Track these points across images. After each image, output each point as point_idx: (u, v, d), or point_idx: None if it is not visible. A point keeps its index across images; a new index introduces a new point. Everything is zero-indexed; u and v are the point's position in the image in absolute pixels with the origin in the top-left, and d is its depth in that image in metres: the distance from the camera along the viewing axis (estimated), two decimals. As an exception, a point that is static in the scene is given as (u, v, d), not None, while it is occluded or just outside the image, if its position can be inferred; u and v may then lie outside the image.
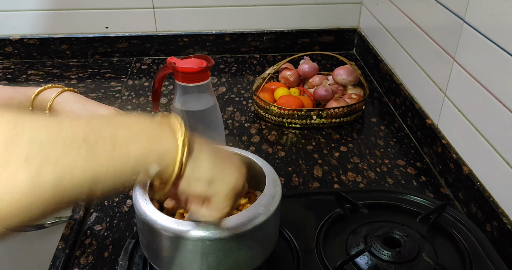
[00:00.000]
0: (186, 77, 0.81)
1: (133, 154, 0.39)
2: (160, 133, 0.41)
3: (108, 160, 0.37)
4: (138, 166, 0.39)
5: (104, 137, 0.37)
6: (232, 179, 0.45)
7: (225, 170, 0.45)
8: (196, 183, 0.43)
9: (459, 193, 0.85)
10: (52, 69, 1.39)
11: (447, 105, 0.91)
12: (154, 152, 0.40)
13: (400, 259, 0.65)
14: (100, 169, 0.37)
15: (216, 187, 0.44)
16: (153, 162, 0.40)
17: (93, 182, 0.37)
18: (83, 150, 0.36)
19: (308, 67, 1.20)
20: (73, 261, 0.74)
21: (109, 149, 0.37)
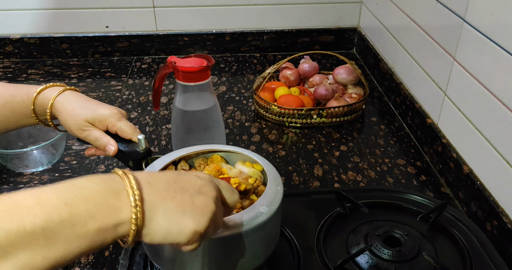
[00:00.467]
0: (187, 76, 0.82)
1: (91, 232, 0.39)
2: (117, 204, 0.41)
3: (66, 244, 0.37)
4: (96, 242, 0.40)
5: (62, 219, 0.37)
6: (191, 225, 0.45)
7: (183, 219, 0.45)
8: (153, 239, 0.44)
9: (459, 192, 0.85)
10: (52, 68, 1.39)
11: (447, 104, 0.91)
12: (111, 226, 0.41)
13: (401, 258, 0.65)
14: (60, 254, 0.37)
15: (175, 239, 0.45)
16: (110, 234, 0.41)
17: (52, 265, 0.37)
18: (42, 241, 0.36)
19: (308, 67, 1.20)
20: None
21: (67, 232, 0.37)
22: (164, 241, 0.44)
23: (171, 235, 0.44)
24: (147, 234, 0.43)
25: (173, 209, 0.44)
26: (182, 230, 0.44)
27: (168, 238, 0.44)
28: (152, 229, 0.43)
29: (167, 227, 0.44)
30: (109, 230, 0.40)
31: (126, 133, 0.69)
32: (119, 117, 0.70)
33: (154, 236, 0.43)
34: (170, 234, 0.44)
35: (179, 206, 0.45)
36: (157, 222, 0.43)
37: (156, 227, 0.43)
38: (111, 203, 0.41)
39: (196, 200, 0.46)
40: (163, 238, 0.44)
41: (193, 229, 0.44)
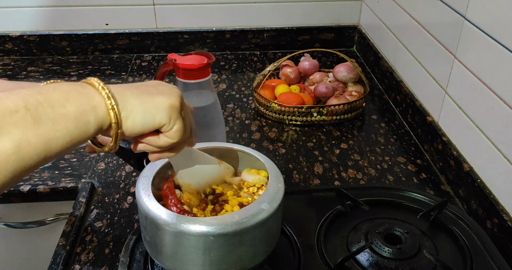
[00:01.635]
0: (187, 73, 0.81)
1: (72, 113, 0.41)
2: (85, 91, 0.44)
3: (53, 123, 0.40)
4: (80, 124, 0.42)
5: (40, 101, 0.40)
6: (164, 100, 0.47)
7: (154, 97, 0.47)
8: (135, 121, 0.46)
9: (460, 190, 0.85)
10: (52, 65, 1.38)
11: (448, 102, 0.91)
12: (88, 107, 0.43)
13: (401, 256, 0.65)
14: (49, 133, 0.40)
15: (155, 115, 0.47)
16: (91, 117, 0.43)
17: (47, 147, 0.40)
18: (29, 117, 0.39)
19: (308, 64, 1.20)
20: (74, 258, 0.74)
21: (50, 112, 0.40)
22: (145, 122, 0.46)
23: (149, 113, 0.46)
24: (126, 116, 0.45)
25: (140, 93, 0.47)
26: (158, 105, 0.46)
27: (147, 118, 0.46)
28: (128, 109, 0.45)
29: (142, 105, 0.46)
30: (88, 111, 0.42)
31: None
32: None
33: (134, 118, 0.45)
34: (148, 111, 0.46)
35: (145, 91, 0.48)
36: (131, 103, 0.45)
37: (131, 107, 0.45)
38: (80, 90, 0.43)
39: (160, 87, 0.49)
40: (143, 118, 0.46)
41: (168, 103, 0.47)
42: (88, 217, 0.83)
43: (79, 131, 0.42)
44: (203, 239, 0.52)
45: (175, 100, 0.48)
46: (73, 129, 0.41)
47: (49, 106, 0.40)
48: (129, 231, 0.78)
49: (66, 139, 0.41)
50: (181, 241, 0.53)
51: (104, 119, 0.44)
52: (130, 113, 0.45)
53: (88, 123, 0.43)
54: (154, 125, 0.47)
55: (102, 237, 0.78)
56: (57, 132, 0.40)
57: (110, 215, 0.83)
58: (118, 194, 0.88)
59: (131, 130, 0.46)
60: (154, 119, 0.47)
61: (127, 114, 0.45)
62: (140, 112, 0.46)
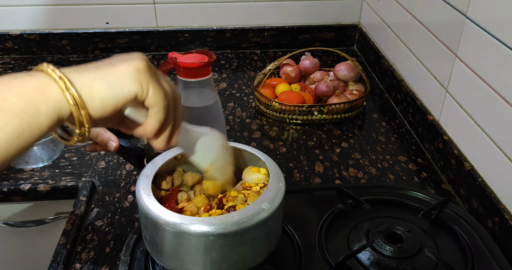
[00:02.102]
0: (188, 72, 0.81)
1: (15, 105, 0.37)
2: (32, 78, 0.39)
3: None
4: (27, 116, 0.37)
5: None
6: (126, 66, 0.42)
7: (115, 66, 0.42)
8: (102, 96, 0.40)
9: (461, 189, 0.85)
10: (52, 64, 1.38)
11: (449, 101, 0.91)
12: (36, 95, 0.38)
13: (402, 255, 0.65)
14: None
15: (122, 84, 0.41)
16: (41, 104, 0.37)
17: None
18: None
19: (309, 63, 1.19)
20: (75, 257, 0.74)
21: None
22: (114, 94, 0.40)
23: (114, 83, 0.40)
24: (89, 93, 0.39)
25: (98, 67, 0.41)
26: (121, 72, 0.41)
27: (114, 89, 0.40)
28: (89, 85, 0.39)
29: (104, 77, 0.40)
30: (36, 99, 0.37)
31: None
32: None
33: (100, 93, 0.39)
34: (113, 82, 0.40)
35: (103, 64, 0.42)
36: (90, 78, 0.40)
37: (92, 82, 0.39)
38: (25, 78, 0.38)
39: (120, 57, 0.44)
40: (109, 90, 0.40)
41: (131, 67, 0.41)
42: (88, 216, 0.83)
43: (27, 124, 0.37)
44: (204, 239, 0.52)
45: (139, 63, 0.42)
46: (20, 125, 0.36)
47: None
48: (129, 230, 0.78)
49: (11, 137, 0.36)
50: (182, 241, 0.53)
51: (59, 104, 0.38)
52: (93, 90, 0.39)
53: (38, 112, 0.37)
54: (125, 95, 0.41)
55: (103, 236, 0.78)
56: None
57: (110, 214, 0.83)
58: (119, 193, 0.88)
59: (102, 108, 0.40)
60: (122, 89, 0.41)
61: (89, 91, 0.39)
62: (104, 85, 0.40)
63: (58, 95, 0.38)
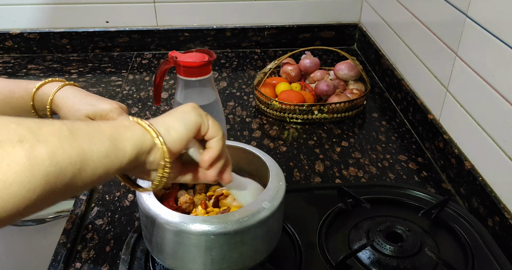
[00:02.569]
0: (188, 71, 0.81)
1: (107, 130, 0.42)
2: (118, 121, 0.47)
3: (88, 137, 0.40)
4: (116, 142, 0.42)
5: (75, 121, 0.41)
6: (185, 107, 0.50)
7: (177, 109, 0.50)
8: (178, 130, 0.47)
9: (461, 188, 0.85)
10: (52, 63, 1.38)
11: (449, 100, 0.91)
12: (122, 127, 0.43)
13: (402, 254, 0.65)
14: (84, 146, 0.39)
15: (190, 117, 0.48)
16: (127, 133, 0.43)
17: (82, 159, 0.39)
18: (65, 129, 0.39)
19: (309, 62, 1.19)
20: (75, 256, 0.74)
21: (85, 127, 0.41)
22: (186, 126, 0.47)
23: (184, 118, 0.48)
24: (167, 129, 0.46)
25: (164, 114, 0.49)
26: (184, 111, 0.49)
27: (186, 122, 0.47)
28: (165, 124, 0.46)
29: (174, 117, 0.48)
30: (123, 129, 0.43)
31: None
32: (120, 111, 0.69)
33: (175, 128, 0.46)
34: (182, 118, 0.48)
35: (163, 114, 0.50)
36: (163, 119, 0.47)
37: (166, 122, 0.47)
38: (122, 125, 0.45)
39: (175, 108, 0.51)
40: (182, 124, 0.47)
41: (189, 106, 0.49)
42: (89, 215, 0.83)
43: (115, 148, 0.42)
44: (204, 238, 0.52)
45: (192, 104, 0.50)
46: (109, 146, 0.41)
47: (84, 124, 0.42)
48: (130, 229, 0.78)
49: (101, 154, 0.40)
50: (182, 240, 0.53)
51: (142, 137, 0.44)
52: (168, 126, 0.46)
53: (125, 140, 0.43)
54: (194, 125, 0.48)
55: (103, 235, 0.78)
56: (92, 145, 0.40)
57: (110, 213, 0.83)
58: (119, 192, 0.88)
59: (180, 140, 0.46)
60: (190, 120, 0.48)
61: (166, 128, 0.46)
62: (175, 121, 0.47)
63: (142, 131, 0.44)
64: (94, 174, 0.40)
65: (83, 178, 0.39)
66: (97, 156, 0.40)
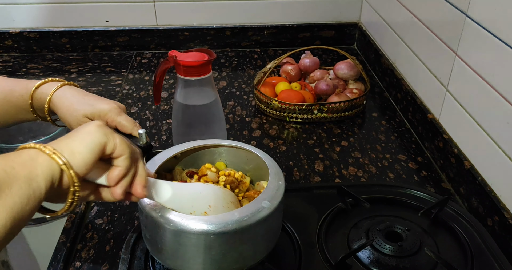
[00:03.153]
0: (188, 70, 0.81)
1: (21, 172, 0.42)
2: (21, 152, 0.44)
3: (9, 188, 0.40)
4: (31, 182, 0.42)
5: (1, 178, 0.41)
6: (89, 126, 0.49)
7: (80, 129, 0.49)
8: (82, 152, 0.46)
9: (460, 187, 0.85)
10: (52, 62, 1.38)
11: (449, 99, 0.91)
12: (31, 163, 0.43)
13: (402, 253, 0.65)
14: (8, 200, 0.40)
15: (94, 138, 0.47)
16: (38, 169, 0.43)
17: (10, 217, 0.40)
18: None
19: (309, 62, 1.19)
20: (75, 255, 0.74)
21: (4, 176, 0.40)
22: (91, 148, 0.46)
23: (87, 139, 0.47)
24: (71, 153, 0.45)
25: (66, 135, 0.48)
26: (88, 131, 0.48)
27: (90, 144, 0.46)
28: (69, 147, 0.45)
29: (77, 139, 0.47)
30: (33, 165, 0.42)
31: (126, 128, 0.68)
32: (119, 111, 0.69)
33: (79, 150, 0.46)
34: (85, 139, 0.47)
35: (69, 133, 0.49)
36: (66, 142, 0.46)
37: (70, 145, 0.46)
38: (16, 153, 0.44)
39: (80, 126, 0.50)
40: (86, 146, 0.46)
41: (93, 125, 0.48)
42: (88, 214, 0.83)
43: (32, 189, 0.41)
44: (204, 237, 0.52)
45: (97, 122, 0.49)
46: (26, 190, 0.41)
47: (3, 171, 0.40)
48: (129, 228, 0.78)
49: (23, 201, 0.40)
50: (182, 240, 0.53)
51: (51, 166, 0.43)
52: (72, 150, 0.45)
53: (37, 176, 0.42)
54: (99, 146, 0.47)
55: (103, 234, 0.78)
56: (15, 197, 0.40)
57: (110, 212, 0.83)
58: (119, 191, 0.87)
59: (85, 163, 0.45)
60: (94, 142, 0.47)
61: (70, 151, 0.45)
62: (79, 143, 0.46)
63: (48, 160, 0.44)
64: (18, 223, 0.41)
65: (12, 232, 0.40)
66: (20, 205, 0.40)
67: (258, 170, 0.66)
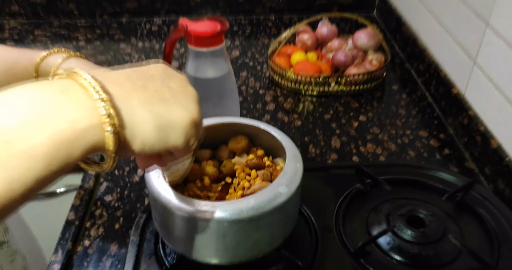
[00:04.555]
0: (199, 41, 0.76)
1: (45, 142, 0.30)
2: (67, 101, 0.31)
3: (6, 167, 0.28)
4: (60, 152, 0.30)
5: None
6: (184, 115, 0.36)
7: (171, 108, 0.35)
8: (144, 142, 0.34)
9: (485, 168, 0.81)
10: (60, 30, 1.33)
11: (477, 73, 0.86)
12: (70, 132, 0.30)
13: (425, 240, 0.62)
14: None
15: (170, 135, 0.35)
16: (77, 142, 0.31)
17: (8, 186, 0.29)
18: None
19: (326, 30, 1.13)
20: (83, 233, 0.72)
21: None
22: (159, 142, 0.35)
23: (164, 131, 0.35)
24: (132, 136, 0.33)
25: (150, 97, 0.34)
26: (175, 121, 0.35)
27: (162, 137, 0.35)
28: (136, 126, 0.33)
29: (155, 120, 0.34)
30: (71, 136, 0.30)
31: None
32: None
33: (143, 138, 0.34)
34: (162, 129, 0.34)
35: (155, 94, 0.35)
36: (140, 116, 0.33)
37: (141, 123, 0.33)
38: (59, 101, 0.30)
39: (171, 83, 0.37)
40: (157, 137, 0.34)
41: (188, 119, 0.36)
42: (97, 190, 0.80)
43: (58, 161, 0.30)
44: (217, 225, 0.49)
45: (196, 112, 0.37)
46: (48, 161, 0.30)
47: (4, 142, 0.28)
48: (139, 206, 0.76)
49: (36, 177, 0.29)
50: (194, 227, 0.50)
51: (97, 142, 0.32)
52: (139, 132, 0.34)
53: (72, 148, 0.31)
54: (167, 146, 0.36)
55: (112, 212, 0.76)
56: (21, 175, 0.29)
57: (120, 188, 0.80)
58: (128, 166, 0.85)
59: (138, 151, 0.35)
60: (167, 140, 0.35)
61: (133, 134, 0.33)
62: (151, 130, 0.34)
63: (98, 134, 0.32)
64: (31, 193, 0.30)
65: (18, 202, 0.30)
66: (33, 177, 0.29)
67: (274, 150, 0.63)
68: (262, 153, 0.63)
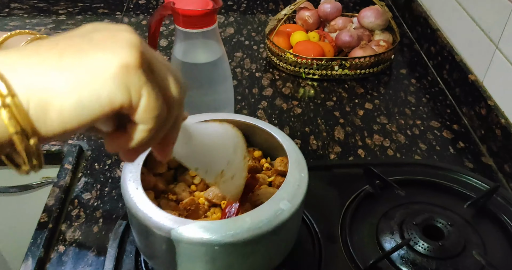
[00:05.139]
0: (188, 21, 0.67)
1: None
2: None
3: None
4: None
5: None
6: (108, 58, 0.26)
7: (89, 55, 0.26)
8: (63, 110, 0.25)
9: (505, 165, 0.73)
10: (38, 2, 1.22)
11: (499, 59, 0.77)
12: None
13: (443, 255, 0.54)
14: None
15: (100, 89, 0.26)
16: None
17: None
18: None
19: (330, 7, 1.03)
20: (58, 237, 0.64)
21: None
22: (84, 107, 0.25)
23: (87, 87, 0.25)
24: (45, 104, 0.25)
25: (59, 54, 0.26)
26: (98, 69, 0.26)
27: (86, 98, 0.25)
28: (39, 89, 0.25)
29: (71, 75, 0.25)
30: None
31: None
32: None
33: (61, 104, 0.25)
34: (84, 85, 0.25)
35: (68, 48, 0.26)
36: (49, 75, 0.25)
37: (52, 84, 0.25)
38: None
39: (96, 35, 0.27)
40: (77, 100, 0.25)
41: (116, 62, 0.26)
42: (75, 187, 0.72)
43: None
44: (205, 249, 0.41)
45: (129, 53, 0.26)
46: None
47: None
48: (121, 205, 0.68)
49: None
50: (177, 250, 0.42)
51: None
52: (49, 99, 0.25)
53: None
54: (102, 108, 0.26)
55: (91, 212, 0.68)
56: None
57: (100, 185, 0.72)
58: (110, 159, 0.76)
59: (62, 126, 0.25)
60: (98, 97, 0.26)
61: (41, 104, 0.25)
62: (68, 90, 0.25)
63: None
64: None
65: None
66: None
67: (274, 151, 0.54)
68: (260, 154, 0.54)
